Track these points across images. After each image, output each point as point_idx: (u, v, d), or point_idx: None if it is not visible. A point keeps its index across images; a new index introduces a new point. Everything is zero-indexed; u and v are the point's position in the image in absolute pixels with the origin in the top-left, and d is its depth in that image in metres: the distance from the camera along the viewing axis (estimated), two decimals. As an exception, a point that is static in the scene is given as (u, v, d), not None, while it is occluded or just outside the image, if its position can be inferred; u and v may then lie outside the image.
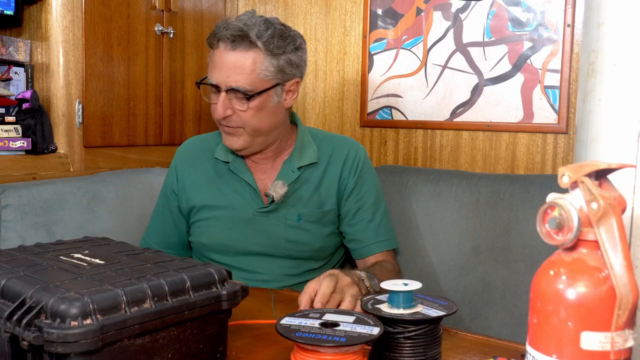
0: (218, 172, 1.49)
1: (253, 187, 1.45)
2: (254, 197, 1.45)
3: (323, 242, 1.47)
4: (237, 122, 1.38)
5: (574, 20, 1.66)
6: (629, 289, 0.56)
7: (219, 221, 1.46)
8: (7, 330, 0.70)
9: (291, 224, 1.44)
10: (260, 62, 1.35)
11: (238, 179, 1.47)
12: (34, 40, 1.66)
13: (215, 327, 0.84)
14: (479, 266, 1.55)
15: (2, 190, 1.41)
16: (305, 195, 1.46)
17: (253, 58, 1.35)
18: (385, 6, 1.94)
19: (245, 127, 1.39)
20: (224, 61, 1.35)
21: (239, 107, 1.36)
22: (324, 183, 1.47)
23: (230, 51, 1.34)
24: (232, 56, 1.34)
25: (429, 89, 1.87)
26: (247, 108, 1.36)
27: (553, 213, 0.60)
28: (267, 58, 1.36)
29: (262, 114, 1.38)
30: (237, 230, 1.44)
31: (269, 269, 1.44)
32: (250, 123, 1.38)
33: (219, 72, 1.36)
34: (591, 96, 0.79)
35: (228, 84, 1.35)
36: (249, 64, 1.34)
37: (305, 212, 1.44)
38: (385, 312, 0.84)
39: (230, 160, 1.47)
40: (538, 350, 0.61)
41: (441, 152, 1.87)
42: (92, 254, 0.90)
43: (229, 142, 1.42)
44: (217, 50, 1.36)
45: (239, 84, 1.34)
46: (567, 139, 1.69)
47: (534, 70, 1.72)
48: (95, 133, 1.73)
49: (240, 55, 1.34)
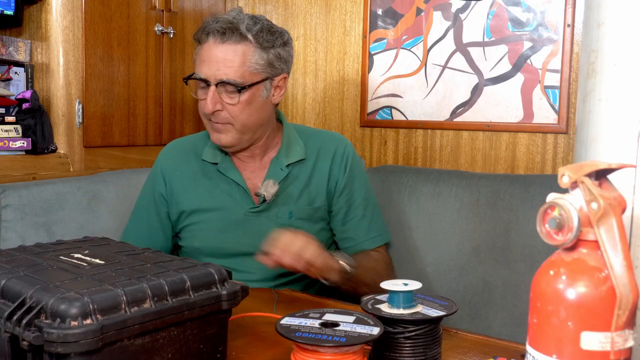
0: (206, 174, 1.47)
1: (243, 187, 1.44)
2: (244, 198, 1.44)
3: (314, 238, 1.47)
4: (226, 117, 1.36)
5: (574, 20, 1.66)
6: (629, 289, 0.56)
7: (210, 224, 1.44)
8: (7, 330, 0.70)
9: (282, 222, 1.43)
10: (251, 55, 1.34)
11: (227, 180, 1.45)
12: (34, 40, 1.66)
13: (215, 327, 0.84)
14: (479, 266, 1.55)
15: (2, 190, 1.41)
16: (295, 193, 1.45)
17: (243, 51, 1.34)
18: (385, 6, 1.94)
19: (234, 123, 1.37)
20: (213, 55, 1.33)
21: (229, 101, 1.35)
22: (313, 180, 1.47)
23: (220, 44, 1.33)
24: (222, 49, 1.33)
25: (429, 89, 1.87)
26: (237, 102, 1.35)
27: (553, 213, 0.60)
28: (257, 51, 1.35)
29: (250, 109, 1.37)
30: (228, 232, 1.43)
31: (261, 268, 1.44)
32: (239, 118, 1.36)
33: (208, 65, 1.34)
34: (591, 96, 0.79)
35: (218, 77, 1.33)
36: (239, 56, 1.33)
37: (296, 210, 1.44)
38: (385, 312, 0.84)
39: (219, 161, 1.45)
40: (538, 350, 0.61)
41: (441, 152, 1.87)
42: (92, 254, 0.90)
43: (217, 138, 1.40)
44: (205, 44, 1.35)
45: (229, 76, 1.33)
46: (567, 139, 1.69)
47: (534, 70, 1.72)
48: (95, 133, 1.73)
49: (230, 48, 1.33)
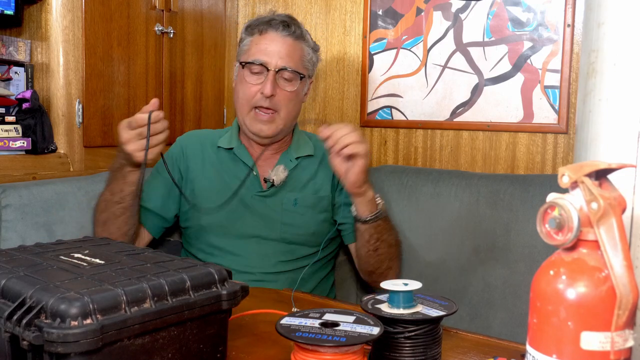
0: (220, 159, 1.54)
1: (253, 170, 1.50)
2: (254, 182, 1.51)
3: (317, 227, 1.52)
4: (276, 104, 1.45)
5: (574, 20, 1.66)
6: (629, 289, 0.56)
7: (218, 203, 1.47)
8: (7, 330, 0.70)
9: (287, 208, 1.50)
10: (307, 52, 1.51)
11: (238, 164, 1.52)
12: (34, 40, 1.66)
13: (215, 327, 0.84)
14: (479, 266, 1.55)
15: (2, 190, 1.41)
16: (302, 182, 1.52)
17: (302, 47, 1.50)
18: (385, 6, 1.94)
19: (280, 112, 1.46)
20: (276, 45, 1.46)
21: (286, 88, 1.45)
22: (319, 172, 1.55)
23: (284, 36, 1.46)
24: (285, 40, 1.46)
25: (429, 89, 1.87)
26: (293, 90, 1.46)
27: (553, 213, 0.60)
28: (310, 51, 1.52)
29: (296, 101, 1.50)
30: (235, 212, 1.48)
31: (263, 253, 1.47)
32: (287, 107, 1.47)
33: (271, 54, 1.45)
34: (591, 96, 0.79)
35: (280, 64, 1.44)
36: (299, 50, 1.48)
37: (301, 197, 1.51)
38: (385, 312, 0.84)
39: (235, 147, 1.53)
40: (538, 350, 0.61)
41: (441, 152, 1.87)
42: (92, 254, 0.90)
43: (260, 128, 1.47)
44: (266, 34, 1.47)
45: (291, 65, 1.45)
46: (567, 139, 1.69)
47: (534, 70, 1.72)
48: (95, 133, 1.73)
49: (292, 41, 1.47)
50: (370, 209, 1.39)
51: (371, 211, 1.39)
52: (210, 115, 2.12)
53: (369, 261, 1.48)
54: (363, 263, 1.51)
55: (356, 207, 1.40)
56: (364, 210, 1.39)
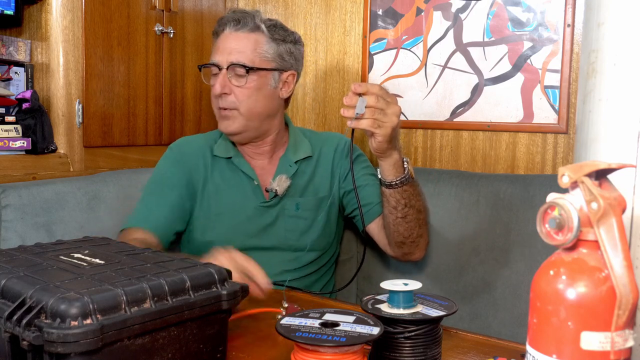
0: (219, 170, 1.51)
1: (254, 179, 1.48)
2: (256, 192, 1.49)
3: (320, 230, 1.51)
4: (233, 102, 1.43)
5: (574, 20, 1.66)
6: (629, 289, 0.56)
7: (222, 217, 1.48)
8: (7, 330, 0.70)
9: (290, 214, 1.49)
10: (262, 44, 1.44)
11: (239, 175, 1.50)
12: (34, 40, 1.66)
13: (215, 327, 0.84)
14: (479, 266, 1.55)
15: (2, 190, 1.41)
16: (302, 185, 1.51)
17: (255, 39, 1.44)
18: (385, 6, 1.94)
19: (240, 108, 1.43)
20: (227, 42, 1.43)
21: (237, 84, 1.42)
22: (317, 172, 1.54)
23: (235, 32, 1.43)
24: (236, 36, 1.43)
25: (429, 89, 1.87)
26: (245, 84, 1.42)
27: (553, 213, 0.60)
28: (268, 42, 1.45)
29: (258, 95, 1.45)
30: (239, 225, 1.47)
31: (269, 263, 1.45)
32: (246, 103, 1.43)
33: (222, 52, 1.44)
34: (591, 96, 0.79)
35: (229, 60, 1.42)
36: (251, 43, 1.43)
37: (302, 202, 1.50)
38: (385, 312, 0.84)
39: (232, 156, 1.51)
40: (538, 350, 0.61)
41: (441, 152, 1.87)
42: (92, 254, 0.90)
43: (225, 125, 1.46)
44: (222, 34, 1.45)
45: (240, 59, 1.42)
46: (567, 139, 1.69)
47: (534, 70, 1.72)
48: (95, 133, 1.73)
49: (244, 35, 1.43)
50: (395, 172, 1.32)
51: (396, 175, 1.32)
52: (211, 115, 2.12)
53: (398, 230, 1.40)
54: (392, 233, 1.42)
55: (381, 169, 1.34)
56: (389, 173, 1.32)
